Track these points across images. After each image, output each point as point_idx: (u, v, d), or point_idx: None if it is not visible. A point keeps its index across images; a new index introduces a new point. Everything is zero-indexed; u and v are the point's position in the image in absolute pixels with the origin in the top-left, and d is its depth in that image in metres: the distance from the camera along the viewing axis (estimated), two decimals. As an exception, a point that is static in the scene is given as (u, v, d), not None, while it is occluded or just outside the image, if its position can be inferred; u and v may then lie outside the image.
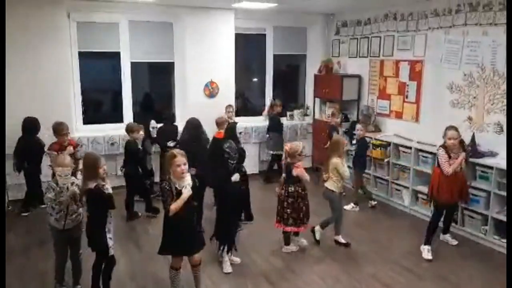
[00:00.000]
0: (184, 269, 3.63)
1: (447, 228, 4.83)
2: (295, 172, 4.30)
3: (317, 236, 4.71)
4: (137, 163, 5.40)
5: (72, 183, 3.54)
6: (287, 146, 4.44)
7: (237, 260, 4.31)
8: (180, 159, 3.32)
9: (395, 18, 6.28)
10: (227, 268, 4.15)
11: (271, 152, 6.92)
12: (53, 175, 3.81)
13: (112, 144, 6.30)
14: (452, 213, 4.78)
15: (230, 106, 6.80)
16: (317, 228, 4.72)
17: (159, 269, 4.08)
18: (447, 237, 4.81)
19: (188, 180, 3.34)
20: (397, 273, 4.16)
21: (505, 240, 4.58)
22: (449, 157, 4.31)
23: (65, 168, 3.50)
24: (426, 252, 4.47)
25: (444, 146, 4.35)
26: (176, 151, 3.42)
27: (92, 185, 3.37)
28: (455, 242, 4.76)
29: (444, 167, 4.29)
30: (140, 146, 5.42)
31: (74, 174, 3.70)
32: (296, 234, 4.58)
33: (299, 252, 4.56)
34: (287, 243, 4.56)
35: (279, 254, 4.51)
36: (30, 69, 5.71)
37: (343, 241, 4.72)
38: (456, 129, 4.33)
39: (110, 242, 3.48)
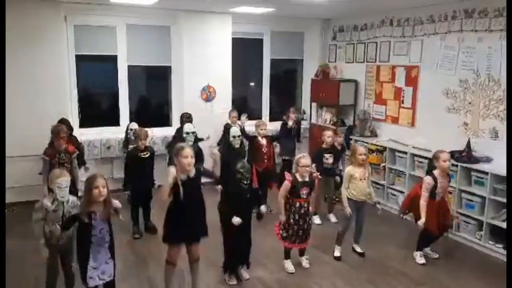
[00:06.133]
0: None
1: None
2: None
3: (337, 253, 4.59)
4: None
5: (68, 201, 3.34)
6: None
7: (245, 276, 4.08)
8: (188, 151, 3.32)
9: (391, 24, 6.32)
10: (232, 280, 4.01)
11: (282, 157, 6.49)
12: (49, 189, 3.50)
13: (108, 147, 6.28)
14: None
15: (233, 111, 6.58)
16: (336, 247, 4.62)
17: (152, 271, 4.06)
18: (428, 250, 4.64)
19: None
20: (394, 278, 4.17)
21: (500, 245, 4.61)
22: (436, 186, 4.28)
23: (64, 178, 3.31)
24: (418, 257, 4.48)
25: (432, 174, 4.32)
26: (185, 144, 3.40)
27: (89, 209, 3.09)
28: (435, 256, 4.60)
29: (423, 194, 4.27)
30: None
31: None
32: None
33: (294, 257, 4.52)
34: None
35: (273, 258, 4.48)
36: (27, 71, 5.69)
37: (359, 250, 4.68)
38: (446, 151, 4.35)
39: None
